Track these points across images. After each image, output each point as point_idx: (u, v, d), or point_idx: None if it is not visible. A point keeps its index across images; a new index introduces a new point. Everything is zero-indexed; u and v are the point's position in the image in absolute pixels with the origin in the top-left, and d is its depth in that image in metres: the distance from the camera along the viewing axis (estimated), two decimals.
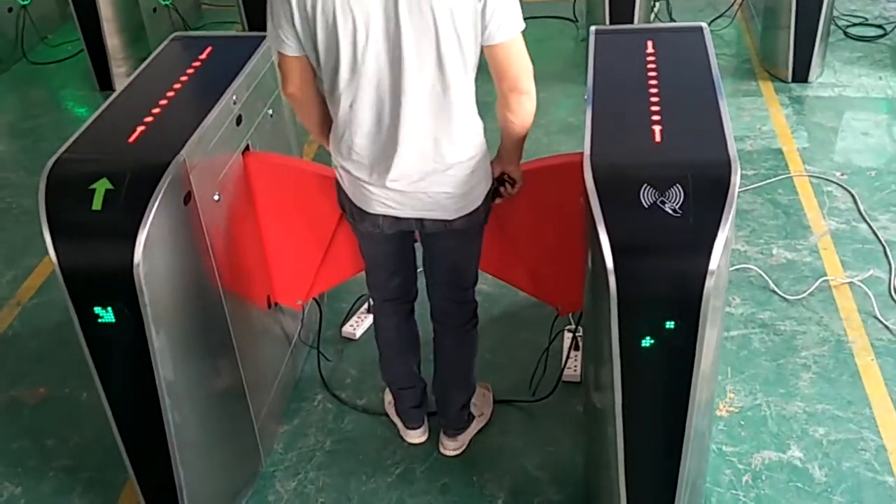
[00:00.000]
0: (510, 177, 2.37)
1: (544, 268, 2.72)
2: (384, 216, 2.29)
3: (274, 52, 2.23)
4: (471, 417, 2.82)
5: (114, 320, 2.12)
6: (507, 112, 2.19)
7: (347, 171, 2.25)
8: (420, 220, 2.30)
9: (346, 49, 2.04)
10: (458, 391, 2.72)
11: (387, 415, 2.92)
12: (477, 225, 2.36)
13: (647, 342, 1.96)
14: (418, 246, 2.54)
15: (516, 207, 2.48)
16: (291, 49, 2.14)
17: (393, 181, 2.20)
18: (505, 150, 2.31)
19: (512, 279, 2.87)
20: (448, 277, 2.53)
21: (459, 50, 2.05)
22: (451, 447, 2.79)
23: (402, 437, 2.84)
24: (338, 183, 2.34)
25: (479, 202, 2.29)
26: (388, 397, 2.90)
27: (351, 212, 2.35)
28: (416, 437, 2.82)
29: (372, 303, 2.65)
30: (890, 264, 3.46)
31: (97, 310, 2.12)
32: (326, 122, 2.29)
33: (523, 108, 2.18)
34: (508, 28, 2.07)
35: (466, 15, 2.01)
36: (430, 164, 2.18)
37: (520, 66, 2.13)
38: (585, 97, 2.32)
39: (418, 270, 2.61)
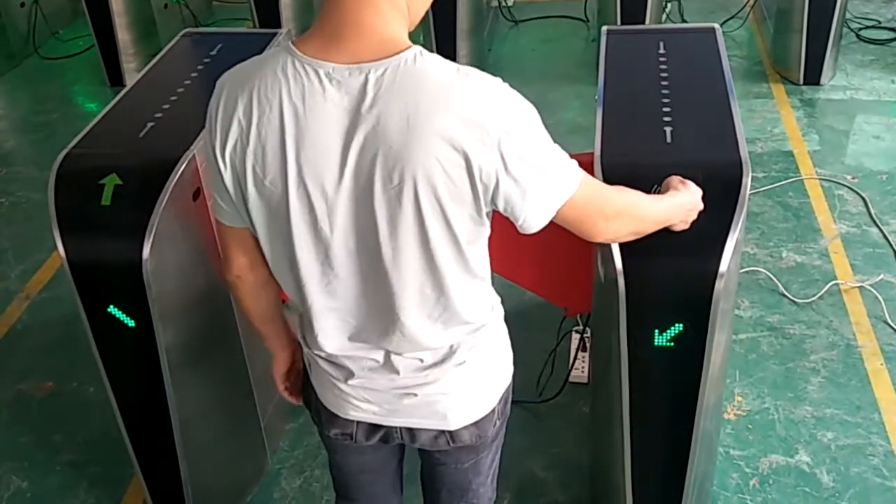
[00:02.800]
0: None
1: (552, 268, 2.71)
2: (359, 422, 1.69)
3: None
4: None
5: (122, 315, 2.13)
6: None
7: (317, 364, 1.66)
8: (409, 431, 1.68)
9: (304, 244, 1.46)
10: None
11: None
12: (489, 436, 1.73)
13: (655, 344, 1.95)
14: None
15: None
16: (228, 217, 1.54)
17: (378, 389, 1.63)
18: None
19: (520, 279, 2.86)
20: (447, 499, 1.90)
21: (455, 247, 1.45)
22: None
23: None
24: (304, 368, 1.77)
25: (492, 404, 1.69)
26: None
27: (316, 409, 1.74)
28: None
29: None
30: None
31: (105, 305, 2.12)
32: (279, 309, 1.74)
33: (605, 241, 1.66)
34: (553, 202, 1.44)
35: (464, 203, 1.39)
36: (429, 372, 1.60)
37: (592, 219, 1.53)
38: (596, 97, 2.31)
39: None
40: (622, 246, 1.87)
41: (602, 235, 1.57)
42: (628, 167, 2.00)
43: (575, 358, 3.00)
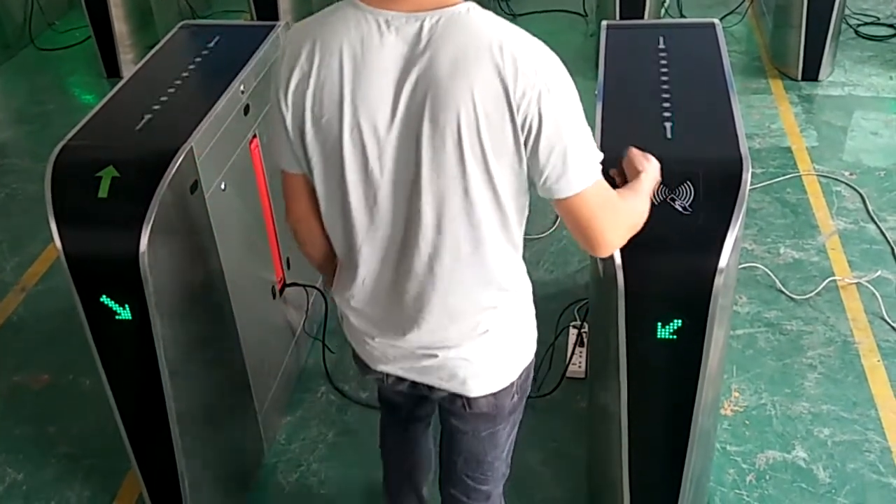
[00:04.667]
0: None
1: None
2: (388, 375, 1.80)
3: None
4: None
5: (118, 308, 2.12)
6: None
7: (348, 319, 1.77)
8: (431, 388, 1.77)
9: (354, 185, 1.54)
10: None
11: None
12: (506, 409, 1.80)
13: (654, 339, 1.95)
14: None
15: None
16: (289, 162, 1.64)
17: (402, 347, 1.71)
18: None
19: None
20: (463, 468, 1.93)
21: (495, 203, 1.53)
22: None
23: None
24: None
25: (512, 378, 1.75)
26: None
27: (353, 356, 1.88)
28: None
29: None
30: None
31: (102, 297, 2.11)
32: (332, 252, 1.77)
33: (610, 252, 1.66)
34: (574, 178, 1.49)
35: (504, 151, 1.46)
36: (453, 334, 1.66)
37: (594, 227, 1.55)
38: (595, 92, 2.31)
39: None
40: None
41: (605, 245, 1.59)
42: None
43: (572, 353, 3.00)
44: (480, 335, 1.66)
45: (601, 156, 1.53)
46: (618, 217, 1.60)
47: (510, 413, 1.83)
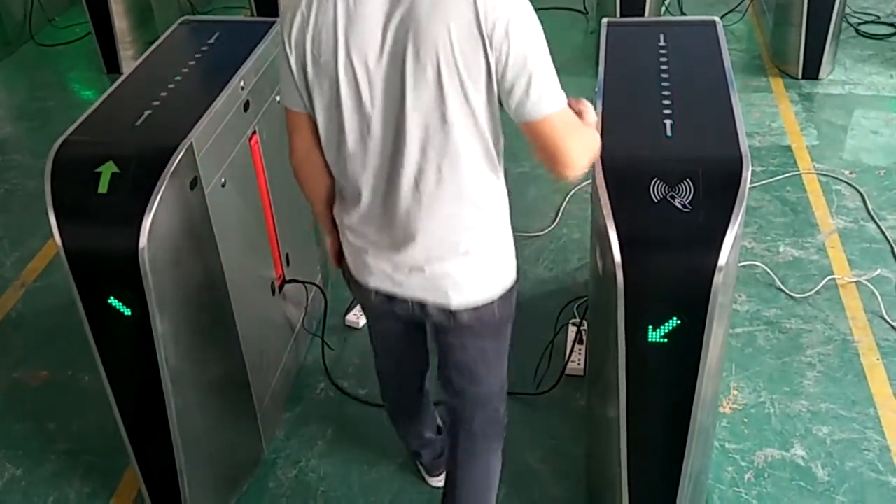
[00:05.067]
0: None
1: None
2: (377, 292, 1.96)
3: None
4: None
5: (118, 304, 2.12)
6: (551, 174, 1.80)
7: (347, 238, 1.96)
8: (421, 305, 1.93)
9: (350, 116, 1.75)
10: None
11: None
12: (490, 325, 1.98)
13: (653, 337, 1.95)
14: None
15: None
16: (293, 101, 1.84)
17: (394, 260, 1.89)
18: None
19: None
20: (458, 380, 2.12)
21: (472, 118, 1.71)
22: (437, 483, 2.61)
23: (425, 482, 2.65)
24: (341, 250, 2.05)
25: (492, 296, 1.92)
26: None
27: (348, 279, 2.05)
28: (441, 481, 2.48)
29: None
30: None
31: (101, 293, 2.11)
32: (333, 196, 1.98)
33: (577, 175, 1.78)
34: (538, 103, 1.67)
35: (478, 79, 1.66)
36: (437, 250, 1.85)
37: (562, 147, 1.70)
38: (596, 90, 2.31)
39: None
40: (622, 238, 1.87)
41: (573, 165, 1.73)
42: (628, 160, 1.99)
43: (571, 350, 3.00)
44: (462, 255, 1.85)
45: (563, 97, 1.71)
46: (582, 140, 1.76)
47: (494, 331, 2.02)
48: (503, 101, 1.70)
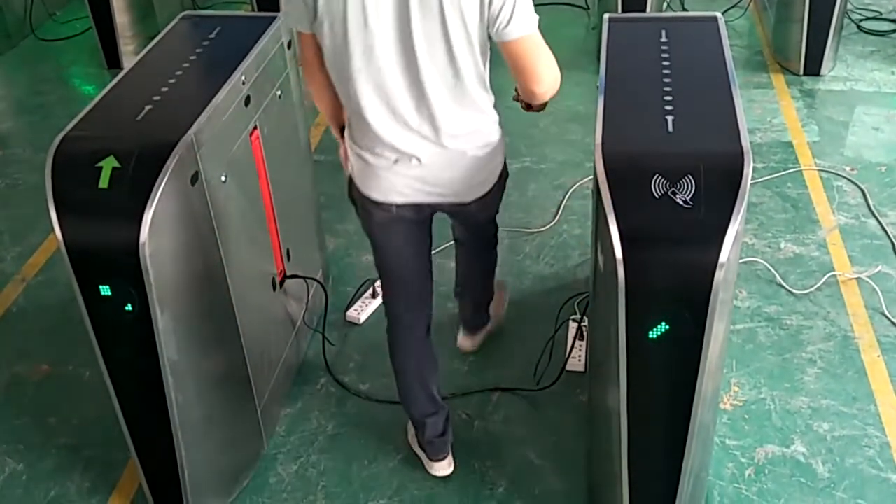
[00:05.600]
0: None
1: None
2: (397, 205, 2.25)
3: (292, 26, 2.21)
4: (487, 318, 3.03)
5: (118, 299, 2.12)
6: (525, 96, 2.18)
7: (360, 157, 2.22)
8: (434, 206, 2.31)
9: (356, 36, 2.00)
10: (477, 295, 2.92)
11: (411, 448, 2.75)
12: (494, 200, 2.40)
13: (654, 334, 1.95)
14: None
15: None
16: (301, 23, 2.10)
17: (408, 168, 2.18)
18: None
19: None
20: (471, 233, 2.70)
21: (467, 38, 2.00)
22: (468, 345, 3.04)
23: (426, 470, 2.68)
24: (349, 177, 2.32)
25: (493, 182, 2.32)
26: (411, 430, 2.72)
27: (362, 204, 2.31)
28: (443, 468, 2.64)
29: (387, 325, 2.55)
30: None
31: (102, 288, 2.11)
32: (339, 105, 2.25)
33: (545, 94, 2.13)
34: (518, 25, 1.99)
35: (472, 8, 1.97)
36: (446, 152, 2.17)
37: (535, 65, 2.06)
38: (597, 85, 2.30)
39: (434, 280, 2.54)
40: (623, 234, 1.87)
41: (541, 80, 2.07)
42: (629, 156, 1.99)
43: (572, 346, 3.00)
44: (470, 157, 2.20)
45: (538, 17, 2.02)
46: (550, 61, 2.08)
47: (497, 199, 2.42)
48: (489, 25, 2.00)
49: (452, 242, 2.88)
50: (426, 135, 2.13)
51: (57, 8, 6.21)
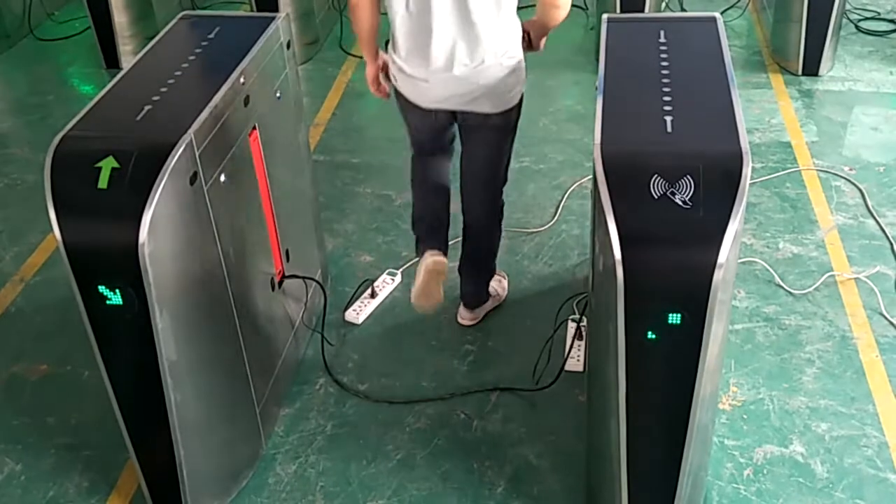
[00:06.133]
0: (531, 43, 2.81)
1: None
2: (431, 110, 2.70)
3: None
4: (488, 295, 3.20)
5: (117, 299, 2.12)
6: (547, 19, 2.67)
7: (405, 72, 2.66)
8: (463, 114, 2.71)
9: None
10: (479, 272, 3.12)
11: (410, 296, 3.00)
12: (511, 123, 2.76)
13: (653, 334, 1.95)
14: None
15: None
16: None
17: (449, 82, 2.60)
18: (536, 26, 2.76)
19: None
20: (482, 173, 2.89)
21: None
22: (468, 317, 3.20)
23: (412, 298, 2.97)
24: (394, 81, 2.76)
25: (514, 102, 2.69)
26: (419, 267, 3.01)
27: (402, 104, 2.77)
28: (436, 255, 2.93)
29: (411, 153, 2.99)
30: None
31: (101, 288, 2.11)
32: (375, 29, 2.72)
33: (562, 16, 2.65)
34: None
35: None
36: (480, 73, 2.59)
37: None
38: (596, 86, 2.30)
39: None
40: (622, 234, 1.87)
41: (563, 4, 2.62)
42: (628, 156, 1.99)
43: (571, 346, 3.00)
44: (498, 75, 2.61)
45: None
46: None
47: (510, 129, 2.79)
48: None
49: (461, 234, 3.06)
50: (468, 48, 2.55)
51: (55, 8, 6.20)
